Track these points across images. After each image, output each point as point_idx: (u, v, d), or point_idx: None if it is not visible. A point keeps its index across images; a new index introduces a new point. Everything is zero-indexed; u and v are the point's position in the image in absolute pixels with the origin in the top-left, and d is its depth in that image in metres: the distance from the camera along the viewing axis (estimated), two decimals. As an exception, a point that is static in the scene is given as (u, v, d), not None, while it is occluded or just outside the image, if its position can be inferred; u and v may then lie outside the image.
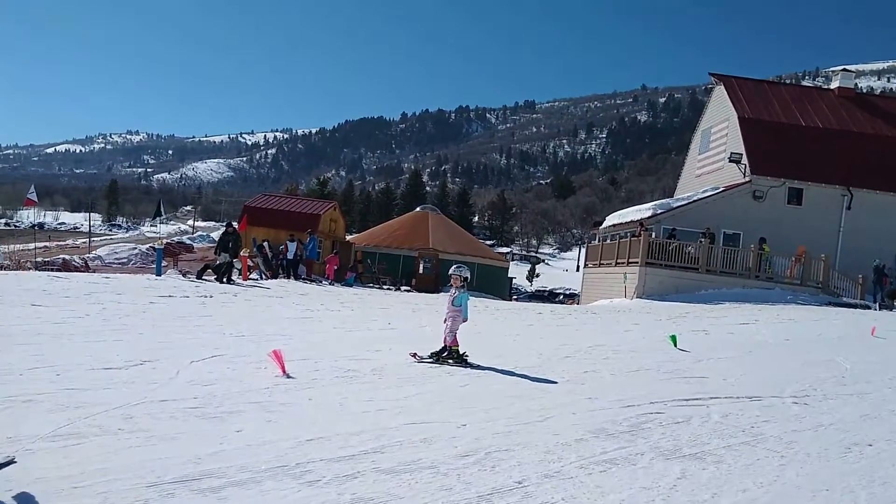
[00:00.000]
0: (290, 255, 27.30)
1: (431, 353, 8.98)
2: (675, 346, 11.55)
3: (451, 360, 8.82)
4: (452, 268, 9.14)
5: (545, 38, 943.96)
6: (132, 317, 11.26)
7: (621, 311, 21.90)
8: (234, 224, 26.13)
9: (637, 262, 27.77)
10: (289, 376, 7.38)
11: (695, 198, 31.33)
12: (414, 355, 9.02)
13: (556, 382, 8.16)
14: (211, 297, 16.29)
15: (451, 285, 9.10)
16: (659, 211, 30.65)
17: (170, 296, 15.31)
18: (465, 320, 8.99)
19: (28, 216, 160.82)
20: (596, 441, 5.85)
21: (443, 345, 8.99)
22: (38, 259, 32.67)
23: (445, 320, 9.02)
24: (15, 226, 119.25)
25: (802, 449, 6.10)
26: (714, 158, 34.25)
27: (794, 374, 9.81)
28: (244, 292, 18.50)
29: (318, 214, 32.26)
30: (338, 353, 9.11)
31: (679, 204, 31.23)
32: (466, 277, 9.03)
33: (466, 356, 8.88)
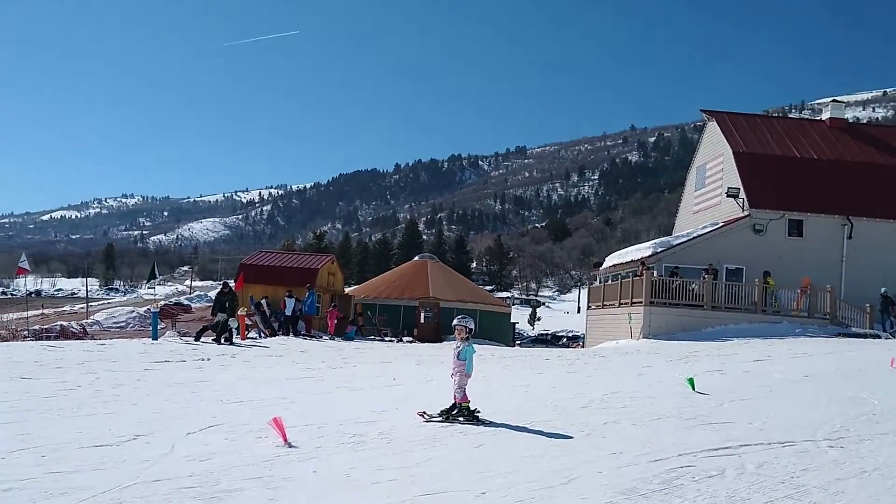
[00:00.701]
0: (288, 312, 26.87)
1: (441, 411, 8.48)
2: (694, 388, 11.09)
3: (461, 418, 8.30)
4: (456, 318, 8.60)
5: (533, 84, 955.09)
6: (126, 386, 10.79)
7: (629, 352, 21.43)
8: (231, 283, 25.71)
9: (641, 302, 27.37)
10: (291, 445, 6.91)
11: (694, 234, 31.04)
12: (422, 414, 8.52)
13: (575, 437, 7.68)
14: (209, 359, 15.82)
15: (456, 336, 8.62)
16: (659, 249, 30.33)
17: (166, 361, 14.85)
18: (468, 375, 8.43)
19: (25, 284, 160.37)
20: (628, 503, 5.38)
21: (452, 401, 8.50)
22: (36, 327, 32.16)
23: (452, 375, 8.53)
24: (12, 294, 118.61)
25: (851, 500, 5.63)
26: (711, 194, 34.05)
27: (822, 413, 9.34)
28: (242, 353, 18.03)
29: (316, 269, 31.84)
30: (342, 415, 8.62)
31: (679, 241, 30.91)
32: (471, 329, 8.50)
33: (478, 413, 8.39)
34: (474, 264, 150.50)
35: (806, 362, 16.25)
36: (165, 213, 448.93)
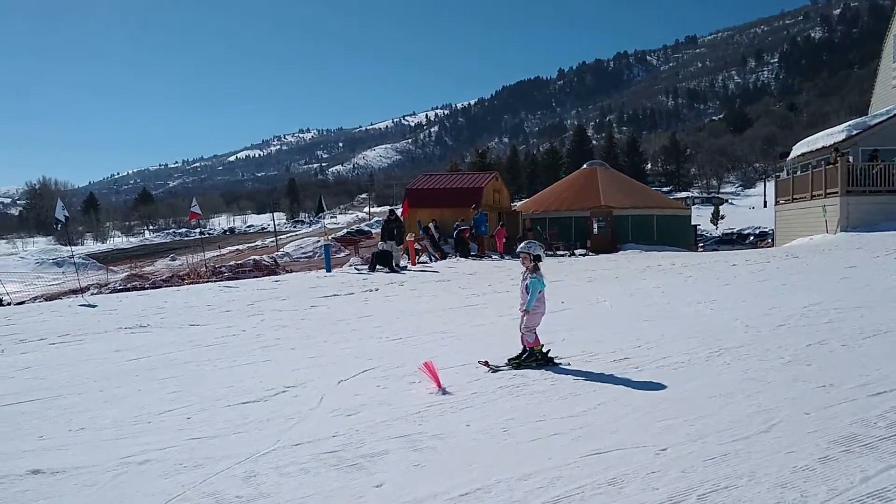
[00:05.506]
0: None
1: (509, 360, 7.24)
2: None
3: (534, 363, 7.05)
4: (521, 245, 7.29)
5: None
6: (289, 328, 10.62)
7: (826, 250, 19.42)
8: (397, 210, 25.62)
9: (836, 192, 24.93)
10: (445, 392, 6.27)
11: (895, 112, 27.70)
12: (486, 364, 7.22)
13: (773, 366, 6.55)
14: (377, 290, 15.64)
15: (522, 264, 7.23)
16: (854, 132, 27.36)
17: (334, 295, 14.78)
18: (524, 311, 7.07)
19: (219, 223, 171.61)
20: (849, 459, 4.29)
21: (522, 346, 7.24)
22: (231, 263, 33.71)
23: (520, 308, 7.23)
24: (209, 233, 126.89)
25: None
26: (914, 64, 30.20)
27: None
28: (410, 280, 17.79)
29: (481, 188, 31.19)
30: (501, 352, 7.83)
31: (877, 121, 27.75)
32: (537, 256, 7.10)
33: (553, 358, 7.16)
34: (649, 166, 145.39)
35: None
36: (340, 145, 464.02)
